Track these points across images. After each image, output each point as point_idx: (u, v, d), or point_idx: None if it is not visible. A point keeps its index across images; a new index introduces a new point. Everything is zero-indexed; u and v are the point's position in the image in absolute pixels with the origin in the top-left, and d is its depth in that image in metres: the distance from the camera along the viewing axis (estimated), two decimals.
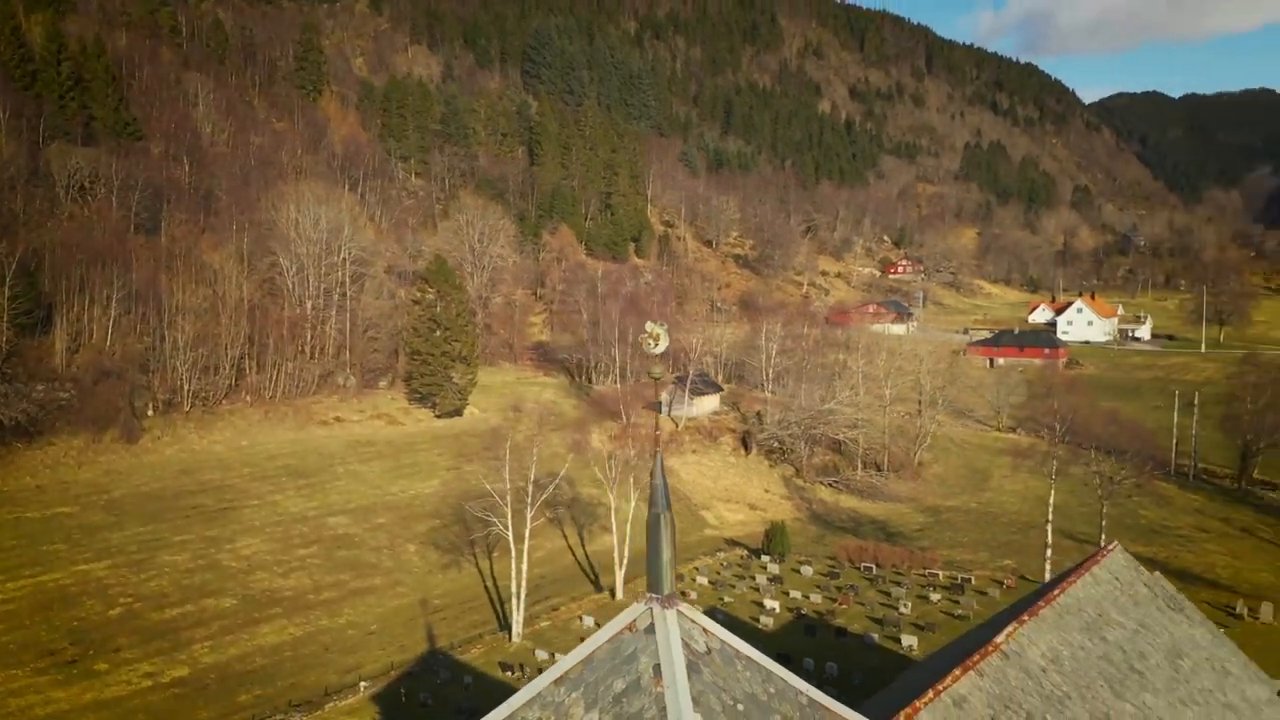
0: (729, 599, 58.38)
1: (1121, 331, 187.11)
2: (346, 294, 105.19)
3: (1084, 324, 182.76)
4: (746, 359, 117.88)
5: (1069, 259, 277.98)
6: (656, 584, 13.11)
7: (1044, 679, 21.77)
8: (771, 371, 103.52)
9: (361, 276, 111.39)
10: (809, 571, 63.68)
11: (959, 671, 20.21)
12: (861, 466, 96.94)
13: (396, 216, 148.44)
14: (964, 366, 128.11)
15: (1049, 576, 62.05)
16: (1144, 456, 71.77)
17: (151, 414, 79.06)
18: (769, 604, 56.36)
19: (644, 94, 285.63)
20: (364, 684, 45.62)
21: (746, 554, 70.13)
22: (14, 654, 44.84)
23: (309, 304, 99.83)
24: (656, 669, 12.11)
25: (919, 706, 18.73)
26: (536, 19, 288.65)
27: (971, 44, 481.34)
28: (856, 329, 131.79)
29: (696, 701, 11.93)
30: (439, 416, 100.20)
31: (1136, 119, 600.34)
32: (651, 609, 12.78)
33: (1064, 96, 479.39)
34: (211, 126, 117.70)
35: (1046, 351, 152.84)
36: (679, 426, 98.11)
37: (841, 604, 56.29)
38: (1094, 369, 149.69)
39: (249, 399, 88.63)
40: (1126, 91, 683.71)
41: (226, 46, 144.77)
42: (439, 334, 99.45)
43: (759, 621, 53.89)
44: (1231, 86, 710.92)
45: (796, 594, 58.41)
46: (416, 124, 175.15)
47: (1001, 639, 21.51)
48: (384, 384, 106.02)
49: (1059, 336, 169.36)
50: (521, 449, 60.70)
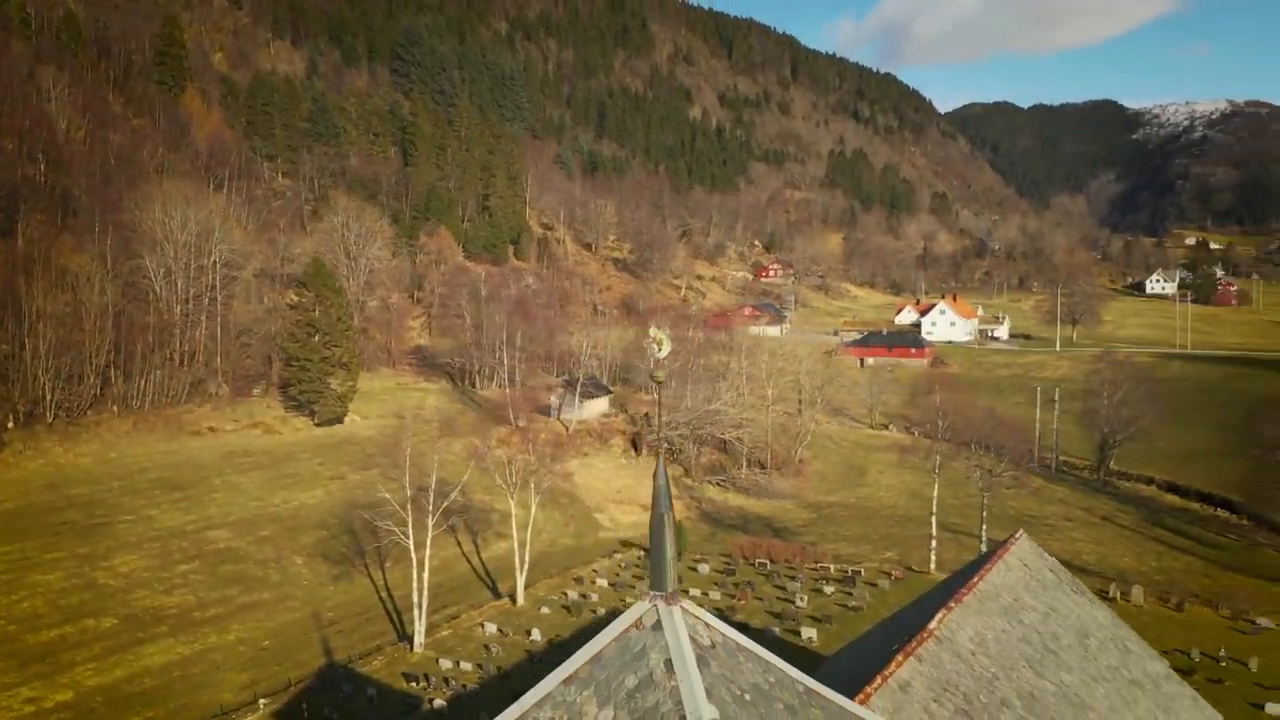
0: (630, 599, 58.61)
1: (981, 331, 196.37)
2: (217, 299, 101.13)
3: (947, 325, 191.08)
4: (633, 361, 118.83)
5: (929, 262, 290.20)
6: (660, 582, 13.33)
7: (974, 661, 22.77)
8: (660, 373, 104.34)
9: (232, 280, 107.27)
10: (705, 569, 64.70)
11: (901, 658, 20.95)
12: (747, 465, 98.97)
13: (264, 218, 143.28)
14: (838, 366, 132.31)
15: (933, 567, 64.82)
16: (1019, 451, 75.68)
17: (12, 426, 74.22)
18: None
19: (516, 95, 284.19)
20: (263, 701, 44.07)
21: (643, 554, 70.67)
22: None
23: (178, 309, 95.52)
24: (668, 664, 12.31)
25: (870, 693, 19.41)
26: (405, 17, 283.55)
27: (834, 53, 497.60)
28: (736, 331, 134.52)
29: (709, 693, 12.20)
30: (318, 425, 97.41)
31: (989, 128, 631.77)
32: (657, 606, 12.97)
33: (921, 106, 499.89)
34: (67, 123, 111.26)
35: (913, 351, 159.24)
36: (569, 430, 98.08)
37: (740, 600, 57.41)
38: (958, 368, 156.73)
39: (116, 409, 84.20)
40: (979, 101, 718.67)
41: (80, 40, 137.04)
42: (318, 339, 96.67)
43: None
44: (1076, 98, 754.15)
45: (696, 592, 59.25)
46: (284, 122, 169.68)
47: (934, 625, 22.39)
48: (258, 392, 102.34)
49: (924, 337, 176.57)
50: (422, 455, 59.61)
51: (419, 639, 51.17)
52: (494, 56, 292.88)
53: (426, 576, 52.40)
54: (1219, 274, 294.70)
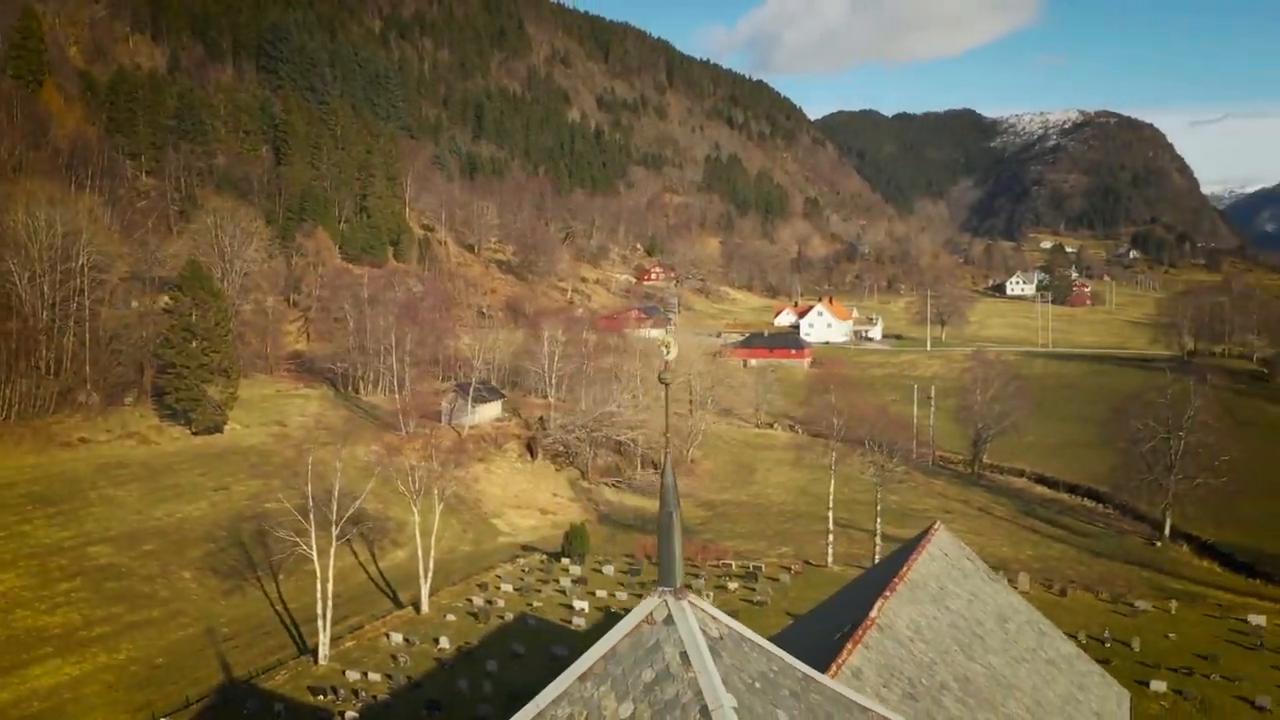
0: (537, 604, 58.60)
1: (856, 332, 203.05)
2: (85, 304, 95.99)
3: (824, 326, 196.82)
4: (524, 364, 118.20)
5: (803, 266, 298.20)
6: (669, 577, 13.64)
7: (913, 647, 23.75)
8: (554, 376, 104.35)
9: (100, 284, 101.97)
10: (610, 571, 65.01)
11: (851, 645, 21.74)
12: (641, 466, 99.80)
13: (129, 219, 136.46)
14: (725, 368, 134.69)
15: (830, 561, 66.77)
16: (909, 447, 78.68)
17: None
18: (578, 604, 57.07)
19: (391, 94, 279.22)
20: None
21: (545, 558, 70.54)
22: None
23: (44, 314, 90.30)
24: (683, 656, 12.62)
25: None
26: (273, 12, 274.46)
27: (708, 60, 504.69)
28: (627, 333, 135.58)
29: (724, 682, 12.62)
30: (196, 434, 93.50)
31: (855, 135, 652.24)
32: (667, 601, 13.28)
33: (793, 113, 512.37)
34: None
35: (793, 352, 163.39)
36: (462, 435, 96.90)
37: None
38: (834, 367, 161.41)
39: None
40: (846, 109, 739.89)
41: None
42: (195, 345, 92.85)
43: (571, 623, 54.48)
44: (937, 107, 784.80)
45: (603, 593, 59.50)
46: (148, 119, 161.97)
47: (875, 614, 23.29)
48: (130, 400, 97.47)
49: (803, 338, 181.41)
50: (323, 463, 58.08)
51: (323, 651, 49.83)
52: (367, 54, 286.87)
53: (331, 587, 51.06)
54: (1074, 276, 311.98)
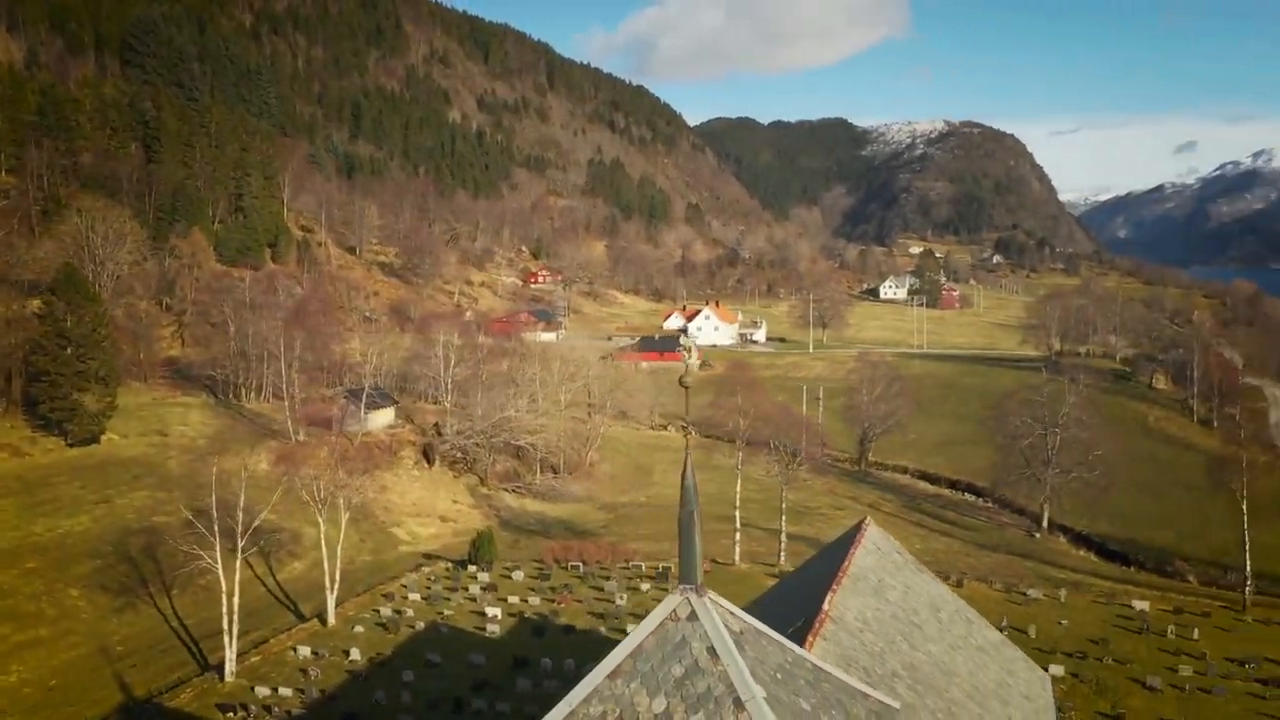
0: (448, 612, 57.88)
1: (742, 335, 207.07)
2: None
3: (712, 329, 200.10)
4: (415, 369, 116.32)
5: (687, 270, 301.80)
6: (690, 575, 14.00)
7: (863, 638, 24.68)
8: (450, 381, 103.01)
9: None
10: (520, 576, 64.70)
11: (812, 638, 22.50)
12: (540, 470, 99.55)
13: None
14: (617, 371, 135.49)
15: (737, 559, 68.04)
16: (813, 446, 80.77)
17: None
18: (490, 611, 56.65)
19: (263, 91, 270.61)
20: None
21: (451, 566, 69.66)
22: None
23: None
24: (710, 650, 13.00)
25: None
26: (138, 5, 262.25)
27: (588, 63, 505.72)
28: (518, 337, 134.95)
29: (752, 674, 13.04)
30: (72, 445, 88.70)
31: (733, 142, 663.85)
32: (689, 598, 13.63)
33: (673, 119, 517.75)
34: None
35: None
36: (355, 443, 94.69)
37: (561, 603, 57.97)
38: (724, 369, 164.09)
39: None
40: (724, 116, 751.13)
41: None
42: (69, 351, 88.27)
43: (486, 630, 54.06)
44: (811, 115, 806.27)
45: (514, 599, 59.20)
46: (7, 115, 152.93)
47: (828, 607, 24.11)
48: None
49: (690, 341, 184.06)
50: (227, 473, 56.15)
51: (229, 667, 48.18)
52: (238, 49, 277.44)
53: (236, 601, 49.40)
54: (942, 280, 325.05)
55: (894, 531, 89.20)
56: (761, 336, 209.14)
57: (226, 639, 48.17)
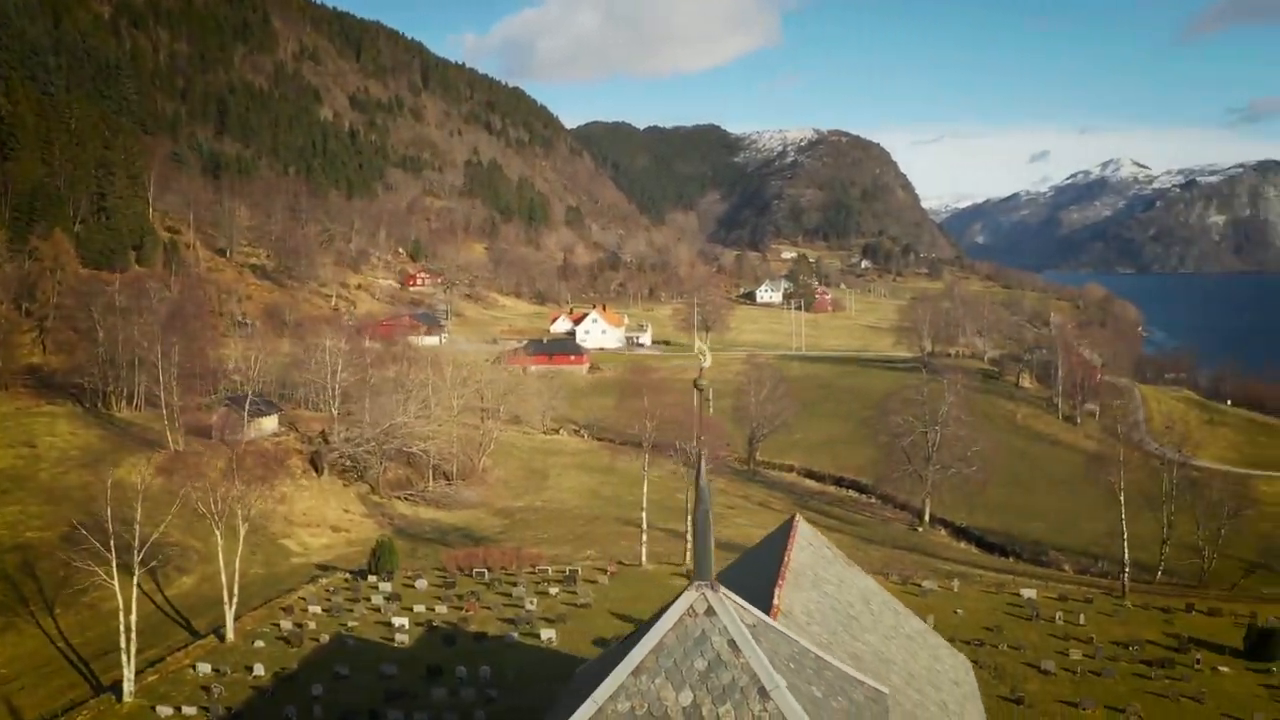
0: (352, 624, 56.53)
1: (629, 338, 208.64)
2: None
3: (599, 332, 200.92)
4: (296, 376, 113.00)
5: (569, 273, 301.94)
6: (704, 572, 14.42)
7: (811, 631, 25.47)
8: (337, 388, 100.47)
9: None
10: (424, 585, 63.68)
11: None
12: (433, 478, 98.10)
13: None
14: (515, 376, 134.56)
15: (644, 559, 68.62)
16: (716, 448, 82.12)
17: None
18: (397, 621, 55.60)
19: (123, 86, 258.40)
20: None
21: (349, 577, 68.05)
22: None
23: None
24: (731, 644, 13.44)
25: None
26: None
27: (463, 63, 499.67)
28: (401, 341, 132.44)
29: (771, 664, 13.53)
30: None
31: (610, 146, 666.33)
32: (705, 594, 14.02)
33: (550, 122, 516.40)
34: None
35: (572, 358, 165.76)
36: (237, 452, 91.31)
37: (469, 610, 57.35)
38: (613, 373, 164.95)
39: None
40: (601, 120, 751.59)
41: None
42: None
43: (394, 641, 53.04)
44: (686, 121, 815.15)
45: (420, 608, 58.25)
46: None
47: (779, 601, 24.86)
48: None
49: (579, 344, 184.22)
50: (91, 486, 53.55)
51: (128, 687, 46.03)
52: (95, 43, 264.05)
53: (134, 619, 47.25)
54: (815, 285, 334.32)
55: None
56: (648, 340, 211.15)
57: (124, 658, 46.00)
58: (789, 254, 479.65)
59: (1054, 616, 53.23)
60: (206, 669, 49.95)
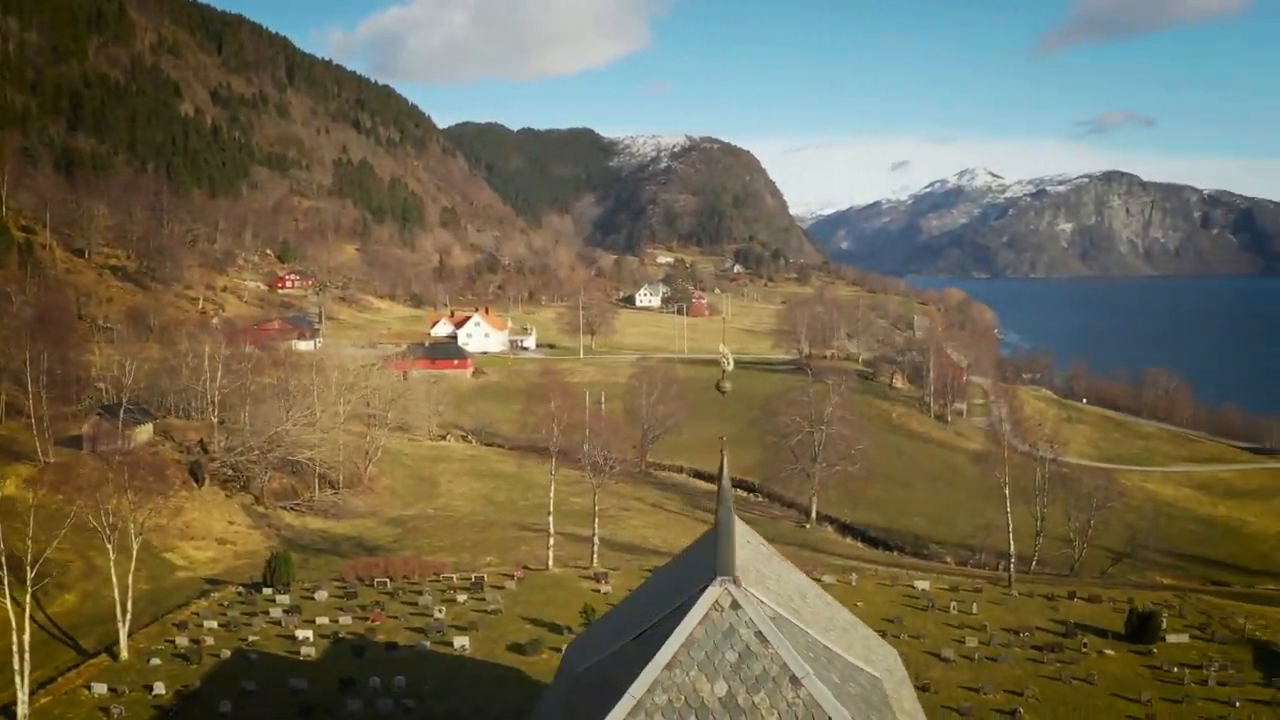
0: (252, 638, 54.82)
1: (512, 342, 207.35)
2: None
3: (482, 336, 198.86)
4: (166, 382, 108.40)
5: (446, 275, 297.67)
6: (727, 569, 15.11)
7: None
8: (216, 395, 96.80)
9: None
10: (323, 596, 62.18)
11: None
12: (320, 487, 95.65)
13: None
14: (391, 381, 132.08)
15: (551, 564, 68.65)
16: (624, 450, 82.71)
17: None
18: (300, 634, 54.22)
19: None
20: None
21: (243, 590, 65.87)
22: None
23: None
24: (759, 635, 14.20)
25: None
26: None
27: (330, 60, 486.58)
28: (274, 345, 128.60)
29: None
30: None
31: (483, 147, 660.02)
32: (729, 589, 14.72)
33: (422, 121, 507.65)
34: None
35: (456, 362, 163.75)
36: (112, 463, 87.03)
37: (375, 620, 56.40)
38: (498, 377, 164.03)
39: None
40: (473, 121, 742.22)
41: None
42: None
43: (300, 654, 51.74)
44: (560, 124, 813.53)
45: (323, 620, 56.94)
46: None
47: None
48: None
49: (462, 348, 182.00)
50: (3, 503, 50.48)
51: (22, 710, 43.73)
52: None
53: (28, 639, 44.85)
54: (691, 289, 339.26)
55: (681, 530, 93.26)
56: (532, 343, 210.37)
57: (19, 680, 43.70)
58: (665, 258, 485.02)
59: (948, 606, 56.02)
60: (103, 689, 47.82)
